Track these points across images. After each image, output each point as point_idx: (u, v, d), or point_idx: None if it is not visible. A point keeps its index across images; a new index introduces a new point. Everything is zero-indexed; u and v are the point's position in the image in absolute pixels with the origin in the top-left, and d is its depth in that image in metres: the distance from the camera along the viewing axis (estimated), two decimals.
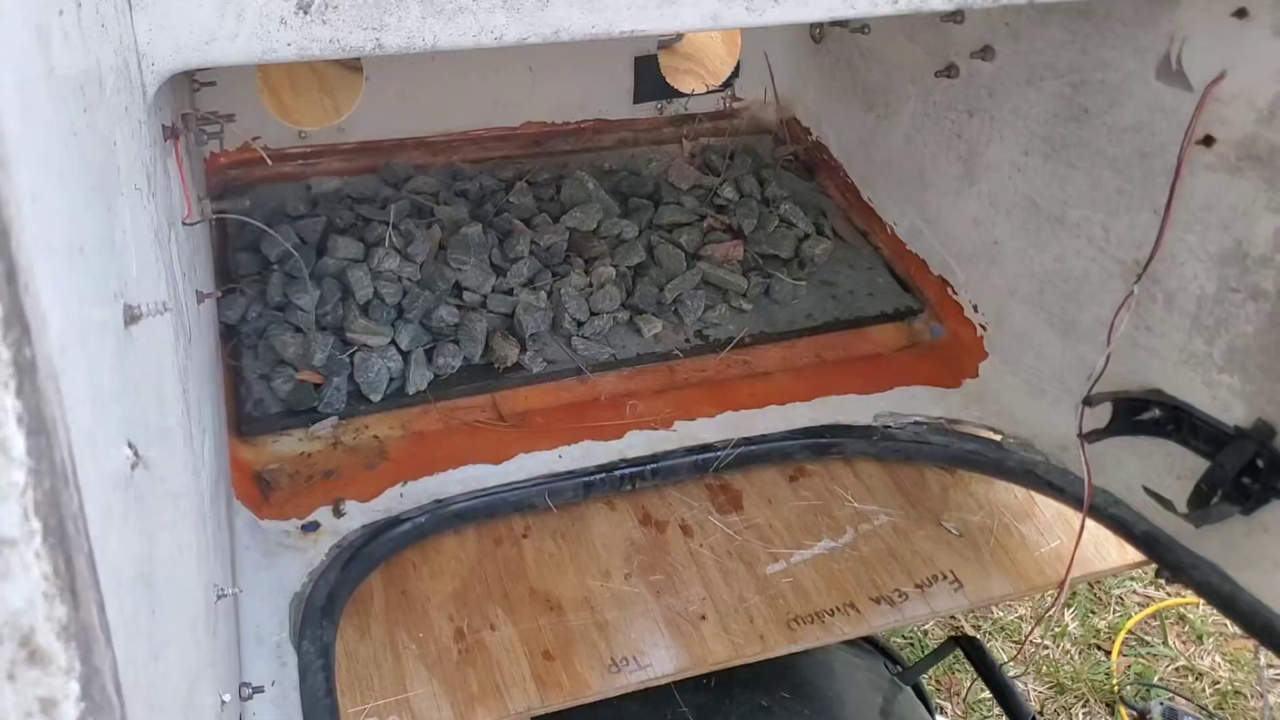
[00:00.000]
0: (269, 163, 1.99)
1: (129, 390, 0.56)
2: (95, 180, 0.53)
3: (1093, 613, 3.33)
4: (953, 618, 3.29)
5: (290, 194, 1.98)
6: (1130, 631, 3.25)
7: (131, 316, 0.56)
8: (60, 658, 0.38)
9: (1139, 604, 3.36)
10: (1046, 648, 3.22)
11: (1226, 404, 1.45)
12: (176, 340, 0.85)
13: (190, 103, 1.59)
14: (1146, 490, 1.50)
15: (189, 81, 1.59)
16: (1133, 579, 3.39)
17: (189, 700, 0.65)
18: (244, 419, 1.62)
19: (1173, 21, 1.46)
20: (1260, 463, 1.39)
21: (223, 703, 0.85)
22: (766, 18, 1.08)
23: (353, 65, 2.09)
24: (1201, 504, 1.44)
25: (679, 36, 2.46)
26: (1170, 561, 1.52)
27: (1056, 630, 3.25)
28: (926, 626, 3.24)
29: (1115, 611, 3.33)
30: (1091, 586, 3.42)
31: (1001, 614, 3.30)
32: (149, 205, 0.75)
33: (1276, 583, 1.39)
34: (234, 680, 1.02)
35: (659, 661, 1.48)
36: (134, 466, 0.51)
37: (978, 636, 3.12)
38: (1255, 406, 1.41)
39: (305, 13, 0.91)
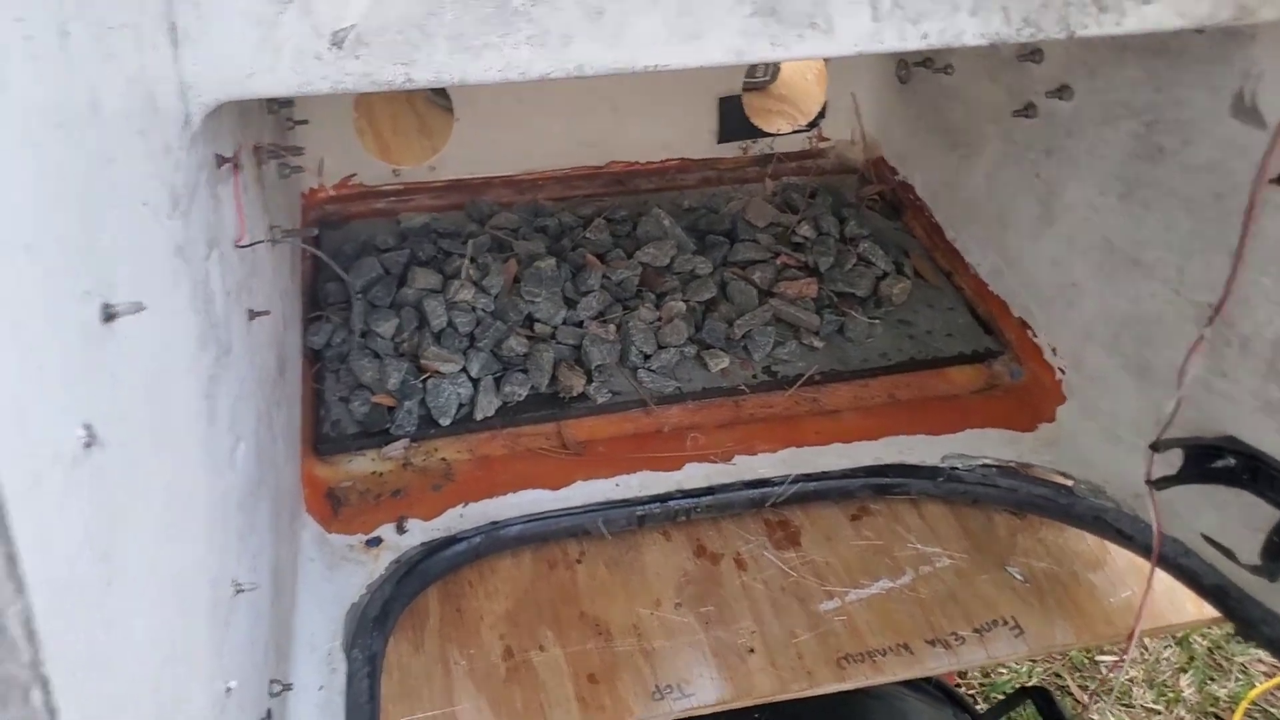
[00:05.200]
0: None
1: (100, 380, 0.62)
2: (69, 189, 0.60)
3: (1211, 679, 3.16)
4: (1058, 675, 3.17)
5: (382, 228, 2.08)
6: (1253, 702, 3.06)
7: (109, 314, 0.62)
8: None
9: (1265, 673, 3.18)
10: (1159, 714, 3.07)
11: None
12: (201, 349, 0.92)
13: (282, 137, 1.69)
14: (1205, 538, 1.44)
15: (279, 119, 1.69)
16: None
17: (162, 673, 0.70)
18: (321, 439, 1.70)
19: (1247, 58, 1.42)
20: None
21: (228, 690, 0.90)
22: (792, 52, 1.10)
23: (446, 106, 2.18)
24: (1274, 556, 1.38)
25: (772, 77, 2.50)
26: (1240, 615, 1.45)
27: (1170, 695, 3.09)
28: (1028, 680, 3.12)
29: (1237, 680, 3.16)
30: (1211, 651, 3.25)
31: (1113, 675, 3.17)
32: (168, 222, 0.82)
33: None
34: (258, 676, 1.08)
35: (702, 691, 1.49)
36: (87, 445, 0.57)
37: (1085, 700, 3.01)
38: None
39: (338, 49, 0.98)
